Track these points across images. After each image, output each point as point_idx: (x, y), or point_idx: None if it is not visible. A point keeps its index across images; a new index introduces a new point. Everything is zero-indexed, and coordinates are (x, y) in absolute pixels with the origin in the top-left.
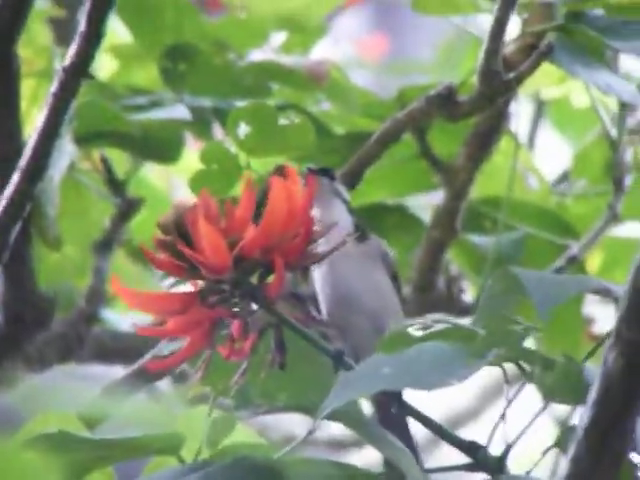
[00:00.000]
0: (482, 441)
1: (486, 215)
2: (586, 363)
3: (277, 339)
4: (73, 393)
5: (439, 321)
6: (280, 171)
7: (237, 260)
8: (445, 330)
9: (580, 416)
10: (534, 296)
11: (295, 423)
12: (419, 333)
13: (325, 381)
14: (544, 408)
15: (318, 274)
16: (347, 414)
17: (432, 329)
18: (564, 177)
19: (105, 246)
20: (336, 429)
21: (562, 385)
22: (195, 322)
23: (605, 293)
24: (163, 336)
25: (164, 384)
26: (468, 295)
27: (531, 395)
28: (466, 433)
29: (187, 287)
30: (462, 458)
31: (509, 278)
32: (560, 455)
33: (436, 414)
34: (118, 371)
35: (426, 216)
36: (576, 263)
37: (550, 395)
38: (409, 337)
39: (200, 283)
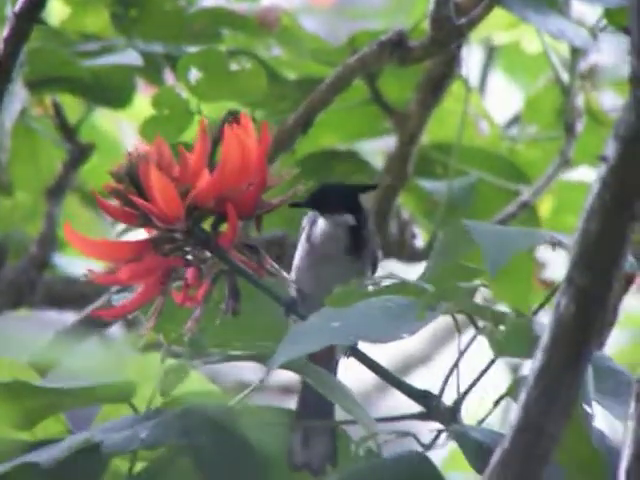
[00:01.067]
0: (433, 389)
1: (437, 160)
2: (537, 314)
3: (230, 286)
4: (25, 340)
5: (388, 277)
6: (232, 116)
7: (190, 209)
8: (394, 285)
9: (531, 363)
10: (485, 251)
11: (245, 369)
12: (369, 289)
13: (278, 329)
14: (495, 358)
15: (304, 259)
16: (297, 363)
17: (381, 284)
18: (515, 122)
19: (57, 192)
20: (285, 375)
21: (512, 340)
22: (148, 270)
23: (556, 244)
24: (116, 284)
25: (116, 331)
26: (420, 240)
27: (483, 343)
28: (415, 379)
29: (139, 234)
30: (411, 405)
31: (461, 230)
32: (511, 404)
33: (385, 359)
34: (70, 317)
35: (378, 162)
36: (528, 208)
37: (501, 350)
38: (359, 292)
39: (153, 231)
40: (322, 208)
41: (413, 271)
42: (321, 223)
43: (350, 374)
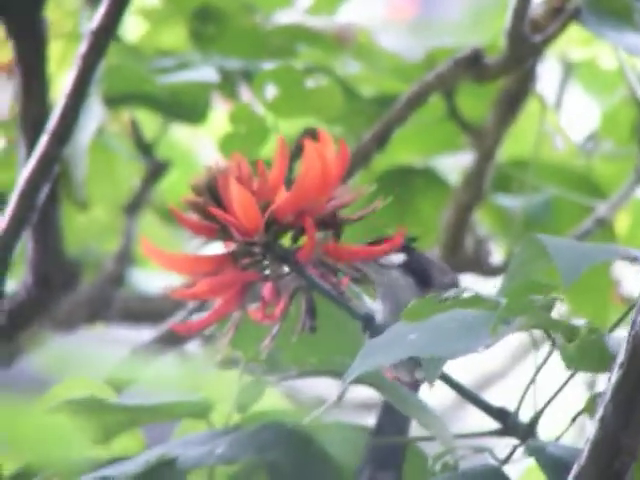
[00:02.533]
0: (509, 405)
1: (513, 177)
2: (613, 331)
3: (308, 303)
4: (100, 357)
5: (464, 290)
6: (309, 133)
7: (269, 223)
8: (470, 298)
9: (607, 379)
10: (559, 264)
11: (323, 386)
12: (446, 301)
13: (355, 345)
14: (573, 374)
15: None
16: (374, 377)
17: (458, 297)
18: (591, 138)
19: (133, 208)
20: (363, 391)
21: (585, 354)
22: (226, 284)
23: (632, 260)
24: (194, 298)
25: (192, 347)
26: (495, 257)
27: (559, 360)
28: (492, 395)
29: (216, 250)
30: (485, 421)
31: (536, 245)
32: (587, 422)
33: (462, 375)
34: (146, 334)
35: (453, 178)
36: (604, 225)
37: (573, 364)
38: (435, 304)
39: (231, 246)
40: None
41: (489, 287)
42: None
43: (427, 391)
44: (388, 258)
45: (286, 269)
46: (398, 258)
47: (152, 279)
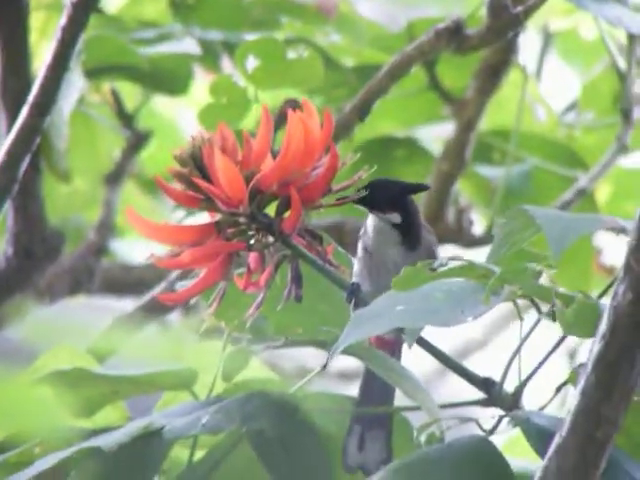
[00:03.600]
0: (493, 374)
1: (495, 147)
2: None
3: (294, 272)
4: (83, 326)
5: (454, 258)
6: (291, 104)
7: (254, 193)
8: (460, 267)
9: (589, 350)
10: (548, 235)
11: (307, 355)
12: (435, 270)
13: (340, 315)
14: (557, 345)
15: (362, 265)
16: (361, 348)
17: (446, 266)
18: (572, 109)
19: (115, 178)
20: (343, 361)
21: (581, 319)
22: (211, 254)
23: (618, 230)
24: (178, 267)
25: (175, 317)
26: (477, 227)
27: (542, 329)
28: (474, 364)
29: (199, 219)
30: (465, 390)
31: (522, 215)
32: (569, 392)
33: (444, 343)
34: (128, 304)
35: (435, 148)
36: (585, 195)
37: (570, 330)
38: (423, 275)
39: (216, 215)
40: (370, 205)
41: (471, 257)
42: (370, 223)
43: (410, 359)
44: (388, 216)
45: (271, 238)
46: (396, 218)
47: (134, 249)
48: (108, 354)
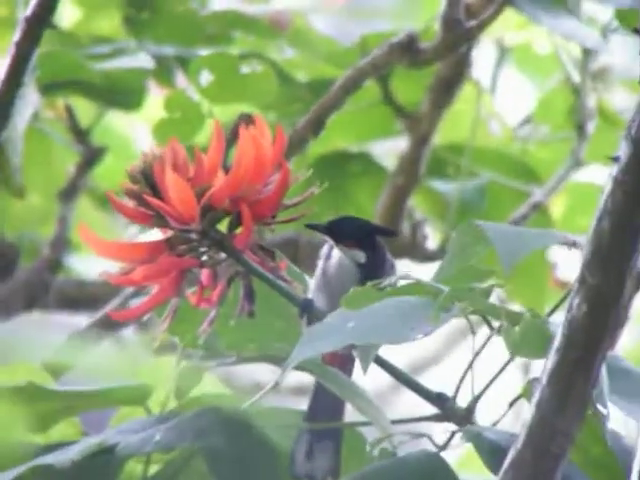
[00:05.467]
0: (446, 390)
1: (449, 161)
2: (551, 316)
3: (246, 288)
4: (38, 342)
5: (404, 277)
6: (245, 119)
7: (205, 209)
8: (410, 286)
9: (544, 362)
10: (499, 251)
11: (259, 371)
12: (385, 289)
13: (292, 331)
14: (510, 359)
15: (319, 285)
16: (312, 364)
17: (398, 285)
18: (527, 123)
19: (69, 194)
20: (297, 376)
21: (528, 340)
22: (163, 270)
23: (569, 245)
24: (131, 285)
25: (129, 333)
26: (432, 241)
27: (495, 344)
28: (427, 379)
29: (153, 235)
30: (425, 406)
31: (475, 230)
32: (523, 406)
33: (397, 359)
34: (83, 319)
35: (389, 163)
36: (540, 209)
37: (517, 350)
38: (374, 293)
39: (168, 231)
40: (337, 237)
41: (425, 272)
42: (335, 254)
43: (364, 375)
44: (354, 253)
45: (223, 255)
46: (361, 257)
47: (89, 264)
48: (63, 370)
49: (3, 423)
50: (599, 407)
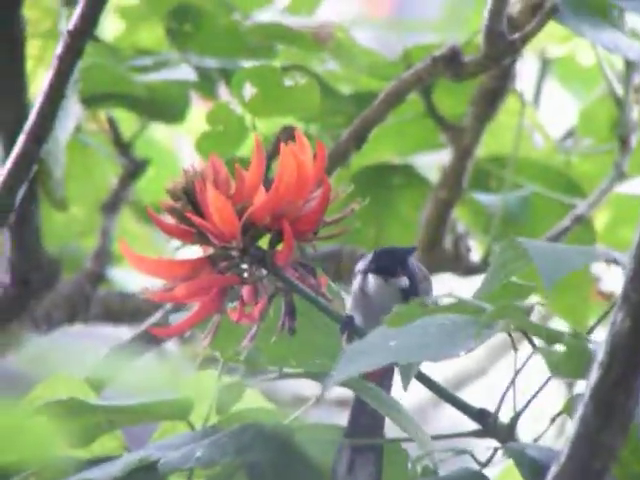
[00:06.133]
0: (488, 405)
1: (492, 174)
2: (595, 329)
3: (287, 305)
4: (80, 355)
5: (446, 296)
6: (287, 132)
7: (246, 227)
8: (452, 304)
9: (588, 378)
10: (540, 269)
11: (302, 385)
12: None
13: (333, 346)
14: (550, 377)
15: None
16: (352, 380)
17: (441, 303)
18: (570, 135)
19: (112, 206)
20: (340, 388)
21: (569, 360)
22: (204, 288)
23: (611, 261)
24: (173, 301)
25: (171, 346)
26: (475, 254)
27: (538, 360)
28: (469, 395)
29: (195, 250)
30: (466, 422)
31: (516, 247)
32: (566, 422)
33: (439, 375)
34: (125, 332)
35: (432, 175)
36: (582, 221)
37: (557, 370)
38: (416, 311)
39: (209, 249)
40: (380, 272)
41: (468, 285)
42: (375, 282)
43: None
44: (396, 280)
45: (264, 271)
46: (405, 282)
47: (131, 277)
48: (105, 383)
49: (45, 438)
50: None
